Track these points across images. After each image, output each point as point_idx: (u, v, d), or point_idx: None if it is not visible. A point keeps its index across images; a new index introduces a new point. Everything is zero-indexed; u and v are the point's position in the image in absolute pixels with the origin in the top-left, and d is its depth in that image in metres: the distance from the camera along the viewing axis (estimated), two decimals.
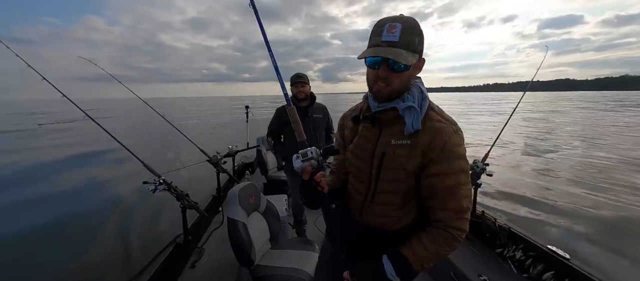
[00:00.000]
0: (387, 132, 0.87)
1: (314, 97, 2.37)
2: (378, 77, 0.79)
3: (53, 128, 15.95)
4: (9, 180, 6.85)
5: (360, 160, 0.94)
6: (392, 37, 0.74)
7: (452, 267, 1.90)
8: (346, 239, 1.01)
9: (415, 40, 0.75)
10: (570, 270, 1.60)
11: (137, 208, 4.92)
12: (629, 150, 8.88)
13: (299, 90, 2.26)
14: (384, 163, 0.86)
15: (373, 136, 0.91)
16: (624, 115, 20.68)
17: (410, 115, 0.80)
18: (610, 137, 11.48)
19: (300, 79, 2.26)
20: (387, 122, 0.87)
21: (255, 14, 1.06)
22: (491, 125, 15.94)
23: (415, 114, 0.79)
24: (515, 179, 6.20)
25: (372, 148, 0.90)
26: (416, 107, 0.79)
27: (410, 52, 0.75)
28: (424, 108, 0.81)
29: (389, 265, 0.83)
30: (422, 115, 0.80)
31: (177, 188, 1.99)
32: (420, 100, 0.81)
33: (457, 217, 0.79)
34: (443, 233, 0.80)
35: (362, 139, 0.94)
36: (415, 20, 0.77)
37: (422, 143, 0.80)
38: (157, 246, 2.14)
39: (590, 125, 15.40)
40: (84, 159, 8.99)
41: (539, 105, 33.51)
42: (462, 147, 0.80)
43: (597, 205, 4.85)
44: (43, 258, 3.50)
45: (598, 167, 7.10)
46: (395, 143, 0.84)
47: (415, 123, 0.79)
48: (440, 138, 0.78)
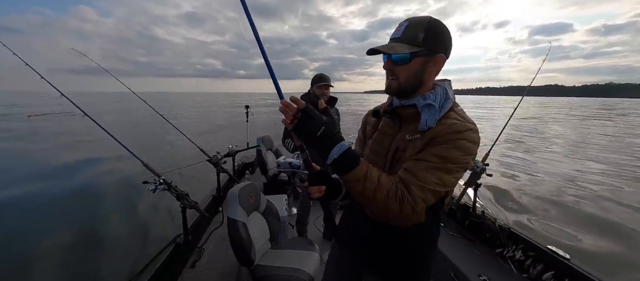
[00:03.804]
0: (405, 128, 0.87)
1: (335, 99, 2.35)
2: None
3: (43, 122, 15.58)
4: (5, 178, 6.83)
5: (375, 155, 0.94)
6: (397, 34, 0.81)
7: (452, 267, 1.90)
8: (357, 237, 0.99)
9: (419, 35, 0.78)
10: (570, 270, 1.60)
11: (137, 208, 4.91)
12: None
13: (323, 92, 2.25)
14: (396, 157, 0.86)
15: (392, 132, 0.91)
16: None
17: (427, 112, 0.80)
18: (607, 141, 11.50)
19: (324, 82, 2.24)
20: (407, 119, 0.87)
21: (245, 10, 1.03)
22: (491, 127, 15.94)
23: (432, 112, 0.79)
24: (514, 179, 6.21)
25: (388, 143, 0.90)
26: (435, 105, 0.79)
27: (411, 45, 0.78)
28: (444, 109, 0.81)
29: (338, 149, 0.73)
30: (440, 115, 0.80)
31: (177, 188, 1.99)
32: (443, 101, 0.81)
33: (416, 183, 0.74)
34: (398, 186, 0.74)
35: (380, 134, 0.95)
36: (427, 18, 0.79)
37: (430, 136, 0.79)
38: (157, 246, 2.14)
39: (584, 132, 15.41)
40: (84, 159, 8.98)
41: (531, 109, 33.63)
42: (471, 145, 0.76)
43: (598, 205, 4.85)
44: (42, 258, 3.50)
45: (598, 167, 7.11)
46: (409, 138, 0.84)
47: (430, 120, 0.79)
48: (450, 131, 0.76)
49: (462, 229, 2.34)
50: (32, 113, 21.58)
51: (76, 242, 3.88)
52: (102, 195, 5.77)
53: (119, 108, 31.06)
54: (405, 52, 0.78)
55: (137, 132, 14.18)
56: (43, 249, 3.69)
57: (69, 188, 6.29)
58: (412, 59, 0.79)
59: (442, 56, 0.81)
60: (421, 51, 0.78)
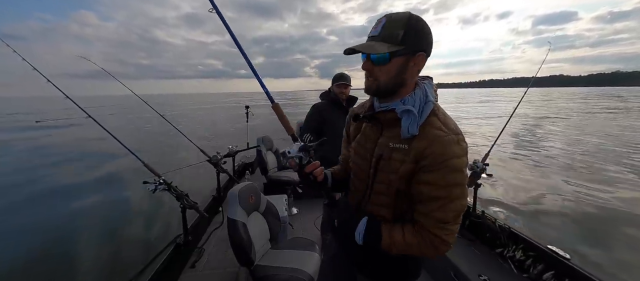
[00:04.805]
0: (387, 133, 0.86)
1: (355, 99, 2.31)
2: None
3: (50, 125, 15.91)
4: (6, 181, 6.85)
5: (360, 158, 0.93)
6: (375, 32, 0.77)
7: (452, 267, 1.90)
8: (349, 236, 0.99)
9: (399, 33, 0.74)
10: (570, 270, 1.60)
11: (137, 208, 4.92)
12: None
13: (341, 91, 2.22)
14: (380, 165, 0.86)
15: (374, 135, 0.90)
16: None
17: (407, 118, 0.78)
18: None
19: (343, 81, 2.21)
20: (388, 124, 0.85)
21: (219, 16, 1.06)
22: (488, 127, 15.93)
23: (412, 118, 0.77)
24: (514, 179, 6.20)
25: (372, 147, 0.89)
26: (414, 111, 0.77)
27: (389, 44, 0.75)
28: (425, 113, 0.78)
29: (364, 225, 0.85)
30: (421, 120, 0.77)
31: (177, 188, 1.99)
32: (423, 104, 0.78)
33: (438, 226, 0.76)
34: (425, 235, 0.78)
35: (363, 137, 0.94)
36: (407, 15, 0.75)
37: (417, 149, 0.76)
38: (157, 246, 2.14)
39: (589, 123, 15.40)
40: (82, 159, 8.99)
41: (536, 103, 33.48)
42: (461, 159, 0.74)
43: (597, 205, 4.85)
44: (42, 258, 3.50)
45: (598, 168, 7.11)
46: (392, 146, 0.82)
47: (412, 127, 0.77)
48: (436, 146, 0.74)
49: (462, 229, 2.33)
50: (40, 120, 22.11)
51: (76, 242, 3.89)
52: (102, 195, 5.78)
53: (118, 111, 31.04)
54: (384, 52, 0.75)
55: (138, 133, 14.21)
56: (42, 249, 3.69)
57: (69, 188, 6.30)
58: (392, 59, 0.76)
59: (423, 54, 0.78)
60: (401, 50, 0.75)
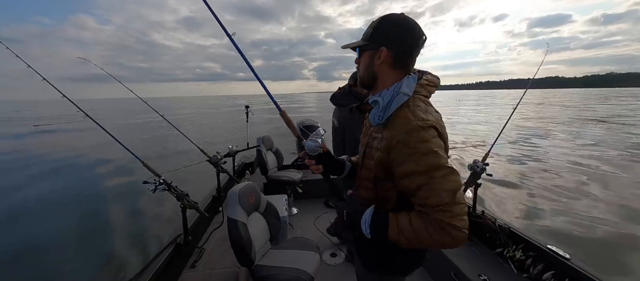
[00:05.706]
0: (369, 124, 0.96)
1: None
2: None
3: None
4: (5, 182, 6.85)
5: (361, 146, 1.03)
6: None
7: (452, 267, 1.90)
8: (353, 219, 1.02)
9: (369, 30, 0.85)
10: (570, 270, 1.60)
11: (137, 208, 4.92)
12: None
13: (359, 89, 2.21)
14: (366, 152, 0.94)
15: (366, 127, 1.01)
16: None
17: (375, 109, 0.85)
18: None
19: None
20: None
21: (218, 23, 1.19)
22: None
23: (375, 109, 0.85)
24: (514, 178, 6.20)
25: (365, 136, 1.00)
26: (379, 102, 0.83)
27: (362, 40, 0.87)
28: (394, 104, 0.80)
29: (370, 213, 0.84)
30: (390, 111, 0.81)
31: (177, 188, 1.99)
32: (394, 96, 0.81)
33: (438, 211, 0.72)
34: (432, 219, 0.74)
35: (364, 127, 1.04)
36: (384, 15, 0.83)
37: (386, 139, 0.82)
38: (157, 246, 2.14)
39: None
40: (82, 160, 8.99)
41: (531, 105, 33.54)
42: (429, 143, 0.74)
43: (597, 204, 4.85)
44: (42, 259, 3.50)
45: (597, 167, 7.11)
46: (374, 135, 0.90)
47: (376, 117, 0.84)
48: (400, 135, 0.76)
49: None
50: (38, 124, 22.38)
51: (76, 243, 3.89)
52: (102, 195, 5.78)
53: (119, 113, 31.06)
54: (356, 46, 0.88)
55: (138, 134, 14.20)
56: (42, 250, 3.69)
57: (69, 189, 6.30)
58: (362, 54, 0.89)
59: (384, 49, 0.82)
60: (366, 45, 0.86)
